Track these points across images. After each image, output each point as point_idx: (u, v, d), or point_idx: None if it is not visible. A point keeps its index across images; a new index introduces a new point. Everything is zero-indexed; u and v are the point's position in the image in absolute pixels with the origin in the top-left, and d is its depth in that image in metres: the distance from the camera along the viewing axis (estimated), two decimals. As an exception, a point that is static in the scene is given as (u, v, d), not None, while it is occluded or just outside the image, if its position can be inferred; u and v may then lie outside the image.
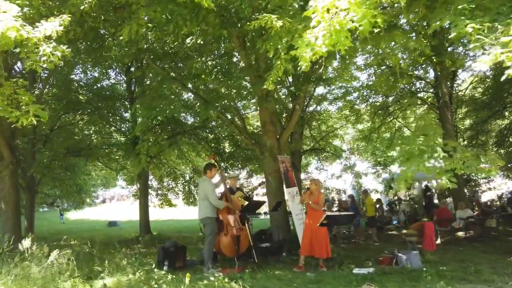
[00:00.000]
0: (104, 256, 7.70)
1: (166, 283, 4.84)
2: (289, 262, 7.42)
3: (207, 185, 6.79)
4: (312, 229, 6.67)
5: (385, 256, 7.03)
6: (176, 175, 18.21)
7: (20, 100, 3.65)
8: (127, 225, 23.45)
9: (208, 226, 6.72)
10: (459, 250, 8.43)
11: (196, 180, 19.18)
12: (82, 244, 11.89)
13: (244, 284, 4.97)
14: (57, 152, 13.59)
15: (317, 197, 6.83)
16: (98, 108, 14.38)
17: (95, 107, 14.22)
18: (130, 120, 15.59)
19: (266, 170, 8.91)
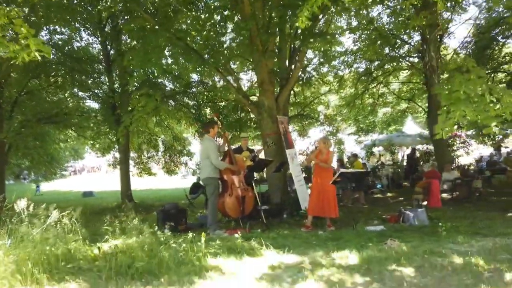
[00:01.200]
0: (97, 224, 7.22)
1: (181, 243, 4.46)
2: (293, 223, 7.23)
3: (209, 144, 6.36)
4: (320, 189, 6.45)
5: (391, 214, 6.95)
6: (156, 143, 17.54)
7: (18, 31, 3.03)
8: (103, 195, 22.74)
9: (210, 187, 6.34)
10: (455, 209, 8.49)
11: (177, 148, 18.68)
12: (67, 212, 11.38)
13: (265, 242, 4.69)
14: (29, 117, 12.58)
15: (326, 155, 6.57)
16: (71, 70, 13.34)
17: (69, 68, 13.17)
18: (108, 84, 14.67)
19: (264, 131, 8.53)
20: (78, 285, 3.34)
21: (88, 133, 17.78)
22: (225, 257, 4.22)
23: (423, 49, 14.10)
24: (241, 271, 3.79)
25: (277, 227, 6.61)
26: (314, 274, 3.62)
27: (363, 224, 6.35)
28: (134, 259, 3.74)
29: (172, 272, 3.67)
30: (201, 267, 3.84)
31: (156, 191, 22.64)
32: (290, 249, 4.56)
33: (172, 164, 17.80)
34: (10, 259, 3.35)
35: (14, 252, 3.52)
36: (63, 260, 3.61)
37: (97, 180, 37.03)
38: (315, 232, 5.80)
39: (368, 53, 14.30)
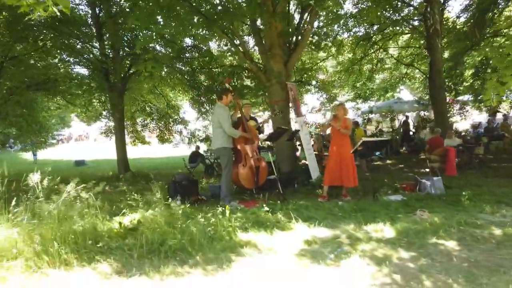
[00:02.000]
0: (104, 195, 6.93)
1: (209, 218, 4.25)
2: (306, 193, 7.08)
3: (222, 112, 6.02)
4: (338, 157, 6.25)
5: (407, 183, 6.84)
6: (151, 110, 17.04)
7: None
8: (95, 164, 22.37)
9: (224, 157, 6.07)
10: (464, 177, 8.44)
11: (171, 116, 18.22)
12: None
13: (292, 214, 4.52)
14: (18, 84, 11.92)
15: (343, 122, 6.33)
16: (60, 33, 12.56)
17: (57, 31, 12.38)
18: (99, 48, 13.94)
19: (273, 98, 8.20)
20: (109, 265, 3.11)
21: (78, 101, 17.23)
22: (256, 232, 4.03)
23: (427, 11, 13.68)
24: (277, 246, 3.61)
25: (292, 198, 6.44)
26: (355, 249, 3.47)
27: (378, 194, 6.22)
28: (165, 236, 3.51)
29: (205, 249, 3.47)
30: (234, 243, 3.66)
31: (150, 160, 22.38)
32: (318, 221, 4.40)
33: (167, 132, 17.36)
34: (35, 239, 3.09)
35: (37, 230, 3.25)
36: (90, 239, 3.36)
37: (86, 148, 36.45)
38: (335, 203, 5.64)
39: (369, 15, 13.78)
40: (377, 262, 3.13)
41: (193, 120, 19.37)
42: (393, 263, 3.11)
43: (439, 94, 13.75)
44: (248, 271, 3.06)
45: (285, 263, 3.22)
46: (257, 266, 3.15)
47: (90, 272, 3.00)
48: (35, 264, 2.96)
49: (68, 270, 3.01)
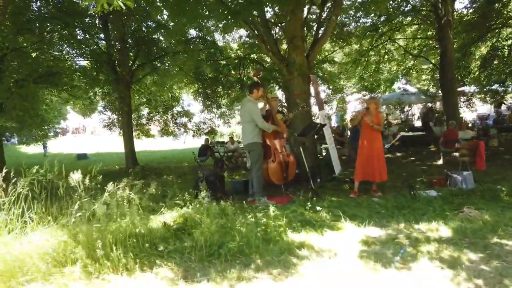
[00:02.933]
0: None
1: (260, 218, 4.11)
2: (332, 188, 6.95)
3: (253, 106, 5.85)
4: (369, 152, 6.12)
5: (437, 177, 6.74)
6: (156, 103, 16.78)
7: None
8: (98, 158, 22.07)
9: (255, 153, 5.90)
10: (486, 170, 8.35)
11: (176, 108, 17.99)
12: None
13: (339, 212, 4.39)
14: (25, 77, 11.59)
15: (375, 117, 6.18)
16: (66, 24, 12.21)
17: (64, 23, 12.03)
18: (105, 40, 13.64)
19: (295, 92, 8.02)
20: (171, 270, 2.96)
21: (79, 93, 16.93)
22: (307, 232, 3.89)
23: (438, 1, 13.51)
24: (334, 248, 3.48)
25: (322, 194, 6.31)
26: (418, 250, 3.34)
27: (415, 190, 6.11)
28: (224, 238, 3.36)
29: (262, 251, 3.32)
30: (289, 245, 3.52)
31: (153, 153, 22.17)
32: (364, 220, 4.28)
33: (173, 125, 17.13)
34: (96, 243, 2.93)
35: (95, 233, 3.09)
36: (147, 241, 3.20)
37: (84, 141, 36.07)
38: (369, 199, 5.53)
39: (379, 5, 13.57)
40: (449, 265, 3.01)
41: (197, 112, 19.19)
42: (465, 266, 2.99)
43: (451, 86, 13.65)
44: (317, 275, 2.92)
45: (351, 266, 3.08)
46: (324, 270, 3.02)
47: (152, 278, 2.85)
48: (95, 270, 2.80)
49: (130, 275, 2.85)
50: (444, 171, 6.80)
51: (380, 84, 18.71)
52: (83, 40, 13.31)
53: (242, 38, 17.45)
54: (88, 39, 13.74)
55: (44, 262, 2.84)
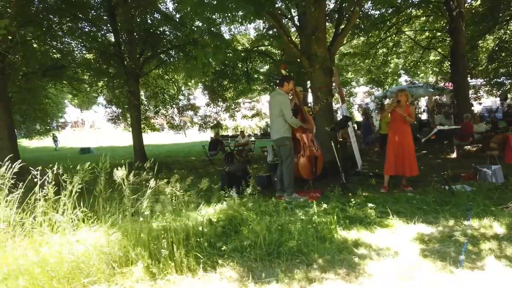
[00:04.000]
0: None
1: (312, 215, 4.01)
2: (358, 182, 6.85)
3: (283, 100, 5.71)
4: (399, 146, 6.02)
5: (466, 171, 6.65)
6: (164, 97, 16.57)
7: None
8: (102, 152, 21.86)
9: (285, 148, 5.78)
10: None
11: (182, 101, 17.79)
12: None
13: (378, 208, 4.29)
14: (35, 70, 11.36)
15: (406, 110, 6.07)
16: (74, 17, 11.96)
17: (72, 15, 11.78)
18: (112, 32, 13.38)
19: (315, 85, 7.88)
20: (234, 270, 2.85)
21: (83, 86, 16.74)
22: (357, 229, 3.79)
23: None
24: (393, 246, 3.38)
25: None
26: (480, 249, 3.25)
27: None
28: (280, 236, 3.25)
29: (320, 250, 3.22)
30: (344, 243, 3.42)
31: (158, 147, 21.97)
32: (407, 216, 4.19)
33: (179, 119, 16.95)
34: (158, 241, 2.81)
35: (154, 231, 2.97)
36: (206, 240, 3.08)
37: (84, 135, 35.81)
38: (406, 194, 5.43)
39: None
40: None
41: (203, 106, 19.01)
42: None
43: (463, 79, 13.56)
44: (387, 276, 2.82)
45: (419, 266, 2.98)
46: (391, 270, 2.91)
47: (217, 278, 2.74)
48: (159, 270, 2.68)
49: (193, 276, 2.74)
50: (472, 165, 6.71)
51: (388, 77, 18.57)
52: (90, 33, 13.06)
53: (248, 30, 17.26)
54: (95, 31, 13.51)
55: (104, 263, 2.71)
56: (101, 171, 3.60)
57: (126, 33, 13.07)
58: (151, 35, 13.67)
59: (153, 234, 2.96)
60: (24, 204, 3.13)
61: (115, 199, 3.62)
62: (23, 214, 3.10)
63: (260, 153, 14.76)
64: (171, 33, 15.12)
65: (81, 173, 3.40)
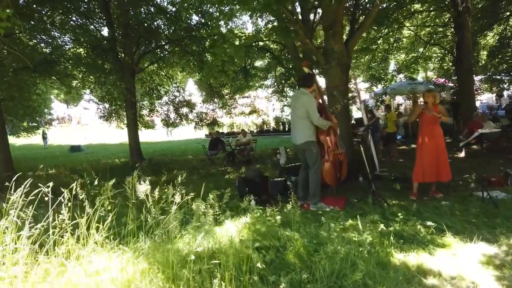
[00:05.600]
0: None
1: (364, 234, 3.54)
2: (381, 188, 6.41)
3: (309, 100, 5.22)
4: (434, 149, 5.59)
5: (496, 176, 6.28)
6: (160, 93, 15.92)
7: None
8: (92, 150, 21.12)
9: (311, 153, 5.30)
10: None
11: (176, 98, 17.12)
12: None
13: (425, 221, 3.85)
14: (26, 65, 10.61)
15: (435, 110, 5.65)
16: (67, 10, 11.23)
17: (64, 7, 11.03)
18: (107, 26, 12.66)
19: (332, 83, 7.40)
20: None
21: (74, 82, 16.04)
22: (416, 251, 3.34)
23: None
24: (464, 273, 2.93)
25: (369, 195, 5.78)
26: None
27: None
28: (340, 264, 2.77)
29: (385, 281, 2.75)
30: (407, 270, 2.96)
31: (152, 145, 21.28)
32: (457, 231, 3.78)
33: (177, 116, 16.28)
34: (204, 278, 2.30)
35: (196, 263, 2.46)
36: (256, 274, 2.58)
37: (72, 132, 34.77)
38: (437, 202, 5.04)
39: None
40: None
41: (199, 103, 18.43)
42: None
43: (468, 76, 13.26)
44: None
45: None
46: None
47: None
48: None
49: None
50: (501, 169, 6.35)
51: (388, 74, 18.23)
52: (83, 26, 12.33)
53: (246, 25, 16.66)
54: (87, 25, 12.78)
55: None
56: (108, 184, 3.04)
57: (122, 27, 12.37)
58: (146, 29, 13.04)
59: (193, 268, 2.44)
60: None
61: (133, 215, 3.09)
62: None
63: (261, 152, 14.28)
64: (167, 26, 14.53)
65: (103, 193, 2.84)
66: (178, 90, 17.06)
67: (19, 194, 2.64)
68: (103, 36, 12.95)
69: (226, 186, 8.20)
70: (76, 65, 13.35)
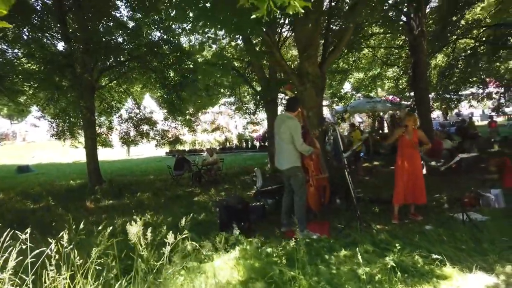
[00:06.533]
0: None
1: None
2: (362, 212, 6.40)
3: (294, 125, 5.11)
4: (410, 172, 5.68)
5: (468, 197, 6.46)
6: (119, 110, 15.24)
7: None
8: (42, 170, 19.67)
9: (297, 179, 5.17)
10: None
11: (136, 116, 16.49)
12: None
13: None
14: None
15: (413, 134, 5.76)
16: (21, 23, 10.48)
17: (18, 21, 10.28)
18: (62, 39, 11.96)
19: (306, 105, 7.37)
20: None
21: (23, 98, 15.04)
22: (417, 285, 3.25)
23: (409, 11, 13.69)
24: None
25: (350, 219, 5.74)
26: None
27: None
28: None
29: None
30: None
31: (111, 164, 20.18)
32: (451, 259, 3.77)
33: (137, 134, 15.61)
34: None
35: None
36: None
37: (18, 150, 32.37)
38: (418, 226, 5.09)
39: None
40: None
41: (161, 120, 17.85)
42: None
43: (424, 96, 13.91)
44: None
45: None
46: None
47: None
48: None
49: None
50: (472, 189, 6.55)
51: (347, 92, 18.78)
52: (38, 40, 11.56)
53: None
54: (41, 39, 12.00)
55: None
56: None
57: (82, 42, 11.73)
58: (106, 44, 12.49)
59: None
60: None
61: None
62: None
63: (226, 171, 13.99)
64: (127, 42, 14.04)
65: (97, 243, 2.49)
66: (138, 107, 16.47)
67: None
68: (60, 51, 12.23)
69: (199, 211, 7.88)
70: (27, 80, 12.47)
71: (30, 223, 7.42)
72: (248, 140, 21.53)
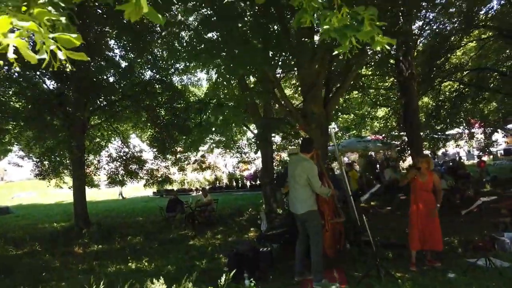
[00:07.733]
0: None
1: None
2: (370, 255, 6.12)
3: (310, 167, 4.90)
4: (423, 218, 5.48)
5: (482, 241, 6.28)
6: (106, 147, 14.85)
7: None
8: (23, 212, 18.69)
9: (313, 223, 4.90)
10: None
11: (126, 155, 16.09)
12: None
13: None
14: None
15: (428, 178, 5.62)
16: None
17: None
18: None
19: (313, 145, 7.24)
20: None
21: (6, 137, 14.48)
22: None
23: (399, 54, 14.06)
24: None
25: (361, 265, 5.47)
26: None
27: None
28: None
29: None
30: None
31: (96, 204, 19.36)
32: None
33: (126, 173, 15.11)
34: None
35: None
36: None
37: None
38: (442, 274, 4.83)
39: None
40: None
41: (150, 159, 17.46)
42: None
43: (416, 135, 14.09)
44: None
45: None
46: None
47: None
48: None
49: None
50: (484, 232, 6.39)
51: (337, 132, 18.92)
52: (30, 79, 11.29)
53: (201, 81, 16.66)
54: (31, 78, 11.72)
55: None
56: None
57: (75, 81, 11.51)
58: (97, 83, 12.33)
59: None
60: None
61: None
62: None
63: (219, 211, 13.53)
64: (119, 81, 13.92)
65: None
66: (127, 145, 16.11)
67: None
68: (50, 89, 11.95)
69: (198, 256, 7.44)
70: (15, 119, 12.05)
71: (17, 271, 6.88)
72: (239, 179, 21.17)
